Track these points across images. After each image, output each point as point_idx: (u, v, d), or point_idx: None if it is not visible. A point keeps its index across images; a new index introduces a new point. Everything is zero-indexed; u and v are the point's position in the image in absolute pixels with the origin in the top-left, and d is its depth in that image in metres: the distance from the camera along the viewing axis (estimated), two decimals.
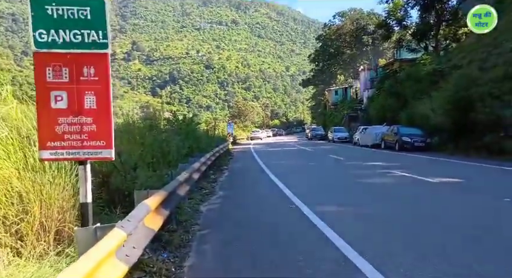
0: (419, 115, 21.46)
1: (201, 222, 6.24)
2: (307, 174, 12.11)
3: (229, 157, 20.61)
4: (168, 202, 4.32)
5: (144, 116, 9.72)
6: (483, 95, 17.37)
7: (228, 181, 11.18)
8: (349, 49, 67.95)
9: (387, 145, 21.95)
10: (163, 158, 8.50)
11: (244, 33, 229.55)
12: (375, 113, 29.37)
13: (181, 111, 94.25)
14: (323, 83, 71.62)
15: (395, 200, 7.30)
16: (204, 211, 7.09)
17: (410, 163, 14.21)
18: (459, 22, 31.64)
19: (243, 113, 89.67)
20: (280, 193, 8.56)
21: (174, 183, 4.95)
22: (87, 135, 3.08)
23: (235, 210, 7.14)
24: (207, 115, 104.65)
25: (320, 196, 8.14)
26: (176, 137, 11.62)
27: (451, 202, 7.08)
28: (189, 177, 6.42)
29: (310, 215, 6.13)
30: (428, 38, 32.48)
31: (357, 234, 4.96)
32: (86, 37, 3.04)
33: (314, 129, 45.77)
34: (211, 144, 15.21)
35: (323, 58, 70.19)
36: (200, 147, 13.06)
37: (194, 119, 15.45)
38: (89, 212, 3.09)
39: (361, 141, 26.38)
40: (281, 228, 5.59)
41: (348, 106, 45.09)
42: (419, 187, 8.74)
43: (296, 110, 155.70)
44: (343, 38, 68.44)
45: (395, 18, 32.28)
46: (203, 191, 9.35)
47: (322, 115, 57.56)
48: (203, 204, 7.74)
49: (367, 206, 6.87)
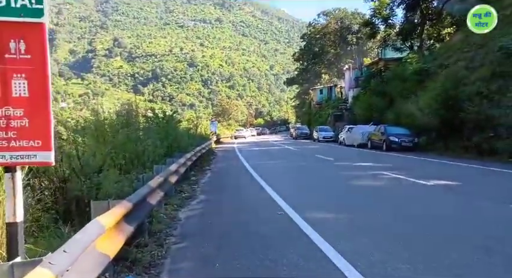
0: (406, 114, 21.12)
1: (178, 232, 5.48)
2: (294, 176, 11.45)
3: (212, 157, 19.82)
4: (134, 214, 3.55)
5: (118, 113, 8.81)
6: (471, 95, 17.11)
7: (210, 183, 10.41)
8: (334, 48, 67.87)
9: (373, 145, 21.55)
10: (137, 158, 7.68)
11: (228, 31, 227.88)
12: (361, 112, 29.01)
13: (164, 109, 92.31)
14: (307, 82, 71.33)
15: (392, 207, 6.67)
16: (183, 219, 6.32)
17: (400, 164, 13.74)
18: (443, 21, 31.68)
19: (227, 112, 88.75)
20: (267, 196, 7.86)
21: (143, 190, 4.18)
22: (15, 133, 2.30)
23: (218, 217, 6.40)
24: (190, 113, 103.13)
25: (311, 201, 7.47)
26: (152, 135, 10.80)
27: (454, 209, 6.50)
28: (163, 181, 5.65)
29: (300, 223, 5.45)
30: (413, 37, 32.36)
31: (356, 249, 4.30)
32: (11, 0, 2.25)
33: (299, 128, 45.28)
34: (193, 143, 14.39)
35: (307, 57, 69.96)
36: (181, 146, 12.24)
37: (174, 117, 14.57)
38: (18, 235, 2.31)
39: (347, 141, 25.96)
40: (269, 240, 4.88)
41: (333, 105, 44.81)
42: (415, 190, 8.18)
43: (280, 109, 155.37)
44: (327, 38, 68.38)
45: (380, 16, 31.96)
46: (183, 194, 8.57)
47: (306, 114, 57.18)
48: (182, 210, 6.97)
49: (362, 213, 6.23)
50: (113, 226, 2.80)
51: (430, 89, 19.08)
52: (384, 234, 4.90)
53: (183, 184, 9.77)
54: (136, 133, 8.21)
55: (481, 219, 5.74)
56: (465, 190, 8.23)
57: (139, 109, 11.16)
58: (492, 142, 14.59)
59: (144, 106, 26.72)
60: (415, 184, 8.80)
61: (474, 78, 18.49)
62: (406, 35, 31.69)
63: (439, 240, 4.63)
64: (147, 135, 9.80)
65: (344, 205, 6.90)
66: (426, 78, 22.56)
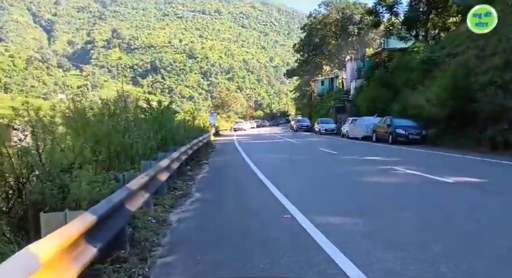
0: (413, 105, 20.21)
1: (167, 240, 4.65)
2: (298, 172, 10.60)
3: (211, 150, 18.99)
4: (100, 230, 2.70)
5: (106, 101, 7.88)
6: (483, 84, 16.21)
7: (207, 180, 9.57)
8: (335, 39, 66.60)
9: (378, 137, 20.69)
10: (124, 152, 6.82)
11: (227, 23, 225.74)
12: (365, 104, 28.11)
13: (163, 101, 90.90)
14: (308, 74, 70.19)
15: (418, 211, 5.67)
16: (174, 223, 5.48)
17: (410, 158, 12.90)
18: (449, 10, 30.65)
19: (226, 104, 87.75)
20: (269, 195, 7.03)
21: (117, 196, 3.31)
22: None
23: (214, 221, 5.55)
24: (189, 105, 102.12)
25: (319, 201, 6.62)
26: (146, 127, 9.94)
27: (501, 216, 5.34)
28: (151, 179, 4.80)
29: (311, 231, 4.61)
30: (418, 26, 31.35)
31: (378, 267, 3.46)
32: None
33: (300, 120, 44.41)
34: (189, 135, 13.52)
35: (308, 49, 68.69)
36: (176, 139, 11.37)
37: (170, 108, 13.66)
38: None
39: (351, 133, 25.11)
40: (277, 255, 4.00)
41: (335, 97, 43.86)
42: (437, 190, 7.26)
43: (280, 101, 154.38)
44: (328, 28, 67.07)
45: (385, 4, 30.88)
46: (176, 192, 7.73)
47: (307, 106, 56.28)
48: (174, 212, 6.13)
49: (379, 217, 5.35)
50: (60, 255, 1.95)
51: (439, 78, 18.15)
52: (423, 253, 3.78)
53: (177, 180, 8.94)
54: (125, 123, 7.31)
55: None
56: (497, 189, 7.24)
57: (130, 98, 10.23)
58: (508, 136, 13.72)
59: (144, 98, 25.70)
60: (433, 181, 7.94)
61: (486, 67, 17.57)
62: (410, 24, 30.69)
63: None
64: (138, 126, 8.92)
65: (359, 206, 6.04)
66: (434, 68, 21.65)
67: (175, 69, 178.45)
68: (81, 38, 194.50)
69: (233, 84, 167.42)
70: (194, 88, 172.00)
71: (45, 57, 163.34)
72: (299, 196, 6.90)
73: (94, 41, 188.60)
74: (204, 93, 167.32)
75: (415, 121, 19.07)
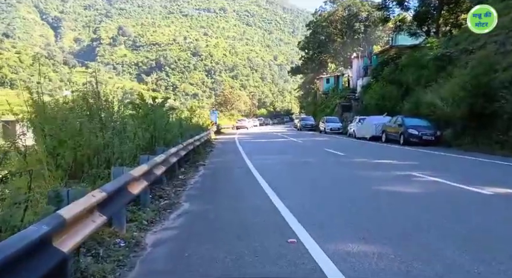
0: (426, 104, 18.96)
1: (132, 277, 3.50)
2: (304, 177, 9.38)
3: (210, 149, 17.84)
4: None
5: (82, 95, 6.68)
6: (506, 82, 14.96)
7: (201, 186, 8.39)
8: (341, 36, 65.23)
9: (389, 138, 19.46)
10: (97, 156, 5.68)
11: (232, 21, 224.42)
12: (373, 102, 26.85)
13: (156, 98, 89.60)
14: (312, 72, 68.92)
15: (461, 238, 4.41)
16: (148, 247, 4.33)
17: (428, 162, 11.66)
18: (461, 6, 29.29)
19: (230, 102, 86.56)
20: (271, 208, 5.85)
21: (37, 230, 2.12)
22: None
23: (200, 245, 4.35)
24: (193, 102, 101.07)
25: (333, 219, 5.31)
26: (130, 124, 8.84)
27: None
28: (114, 194, 3.65)
29: (326, 269, 3.44)
30: (428, 22, 30.01)
31: None
32: None
33: (304, 119, 43.14)
34: (184, 134, 12.37)
35: (313, 46, 67.43)
36: (167, 138, 10.23)
37: (164, 104, 12.50)
38: None
39: (358, 133, 23.89)
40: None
41: (340, 95, 42.56)
42: (471, 203, 6.02)
43: (284, 99, 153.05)
44: (334, 26, 65.74)
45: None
46: (161, 202, 6.58)
47: (312, 104, 54.92)
48: (152, 230, 4.97)
49: (421, 248, 4.09)
50: None
51: (458, 75, 16.88)
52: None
53: (166, 186, 7.82)
54: (98, 120, 6.16)
55: None
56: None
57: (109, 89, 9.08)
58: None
59: (148, 95, 24.63)
60: (465, 192, 6.73)
61: (507, 64, 16.32)
62: (421, 19, 29.36)
63: None
64: (121, 125, 7.80)
65: (383, 228, 4.79)
66: (448, 65, 20.36)
67: (179, 67, 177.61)
68: (87, 36, 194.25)
69: (237, 82, 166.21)
70: (198, 86, 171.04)
71: (51, 53, 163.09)
72: (305, 208, 5.74)
73: (100, 38, 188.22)
74: (208, 91, 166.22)
75: (428, 121, 17.85)
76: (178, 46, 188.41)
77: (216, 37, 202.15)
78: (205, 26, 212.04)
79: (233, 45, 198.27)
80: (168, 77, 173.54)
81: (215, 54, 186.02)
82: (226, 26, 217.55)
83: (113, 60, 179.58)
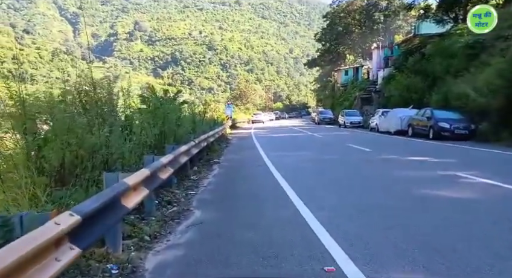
0: (456, 95, 17.59)
1: None
2: (330, 177, 8.31)
3: (225, 145, 16.95)
4: None
5: None
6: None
7: (214, 188, 7.46)
8: (359, 27, 63.23)
9: (416, 132, 18.17)
10: (92, 157, 4.79)
11: (247, 14, 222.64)
12: (397, 94, 25.46)
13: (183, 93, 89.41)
14: (329, 64, 67.15)
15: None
16: (147, 274, 3.42)
17: (469, 159, 10.45)
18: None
19: (245, 96, 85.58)
20: (298, 220, 4.85)
21: None
22: None
23: (213, 269, 3.44)
24: (209, 97, 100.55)
25: (374, 234, 4.24)
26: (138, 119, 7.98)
27: None
28: (87, 220, 2.73)
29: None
30: (456, 9, 28.25)
31: None
32: None
33: (322, 112, 41.82)
34: (197, 129, 11.48)
35: (330, 38, 65.60)
36: (178, 134, 9.34)
37: (176, 98, 11.63)
38: None
39: (381, 127, 22.60)
40: None
41: (360, 87, 41.06)
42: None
43: (299, 93, 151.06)
44: (352, 16, 63.76)
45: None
46: (169, 209, 5.67)
47: (329, 97, 53.48)
48: (155, 248, 4.06)
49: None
50: None
51: (495, 63, 15.47)
52: None
53: (176, 189, 6.93)
54: (95, 115, 5.27)
55: None
56: None
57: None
58: None
59: (160, 89, 24.33)
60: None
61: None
62: (448, 5, 27.62)
63: None
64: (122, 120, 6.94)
65: (441, 249, 3.79)
66: (481, 52, 18.85)
67: (195, 61, 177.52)
68: (104, 31, 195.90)
69: (253, 76, 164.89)
70: (213, 80, 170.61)
71: (70, 49, 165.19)
72: (339, 222, 4.72)
73: (117, 33, 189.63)
74: (224, 85, 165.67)
75: (460, 113, 16.50)
76: (193, 40, 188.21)
77: (231, 31, 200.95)
78: (220, 20, 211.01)
79: (249, 38, 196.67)
80: (183, 71, 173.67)
81: (230, 47, 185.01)
82: (241, 20, 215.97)
83: (130, 55, 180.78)
